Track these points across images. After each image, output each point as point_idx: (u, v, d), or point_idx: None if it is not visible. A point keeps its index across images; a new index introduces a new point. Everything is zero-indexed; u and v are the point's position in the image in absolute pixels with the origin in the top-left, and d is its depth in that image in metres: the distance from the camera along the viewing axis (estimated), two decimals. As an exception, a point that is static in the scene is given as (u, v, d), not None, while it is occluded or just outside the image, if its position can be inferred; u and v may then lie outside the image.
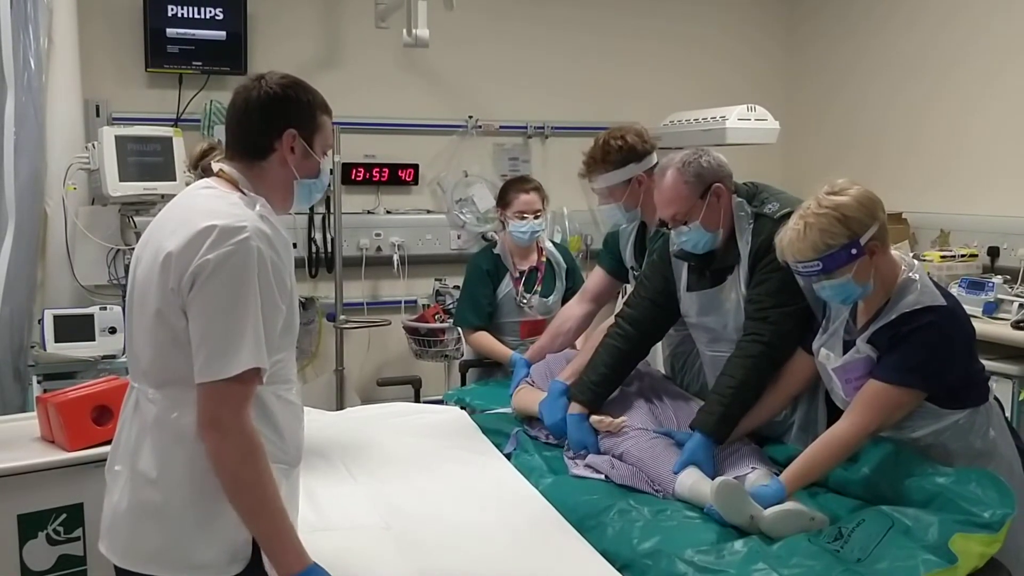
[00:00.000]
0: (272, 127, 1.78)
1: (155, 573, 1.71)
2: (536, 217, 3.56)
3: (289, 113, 1.79)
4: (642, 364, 2.83)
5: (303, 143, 1.81)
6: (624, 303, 2.81)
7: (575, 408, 2.63)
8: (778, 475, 2.21)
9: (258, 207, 1.73)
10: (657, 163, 2.88)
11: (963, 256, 4.01)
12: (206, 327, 1.63)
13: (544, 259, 3.68)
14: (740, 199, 2.48)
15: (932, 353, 2.09)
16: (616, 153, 2.87)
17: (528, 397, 2.91)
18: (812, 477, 2.17)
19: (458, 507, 2.31)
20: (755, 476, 2.26)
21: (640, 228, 3.02)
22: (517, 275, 3.63)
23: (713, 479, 2.20)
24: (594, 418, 2.59)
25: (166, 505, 1.70)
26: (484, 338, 3.56)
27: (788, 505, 2.08)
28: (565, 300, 3.62)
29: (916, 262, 2.25)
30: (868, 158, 4.72)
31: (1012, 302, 3.55)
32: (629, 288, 3.16)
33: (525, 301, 3.60)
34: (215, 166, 1.82)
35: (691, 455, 2.32)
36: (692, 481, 2.26)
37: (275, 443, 1.75)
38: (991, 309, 3.56)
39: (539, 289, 3.63)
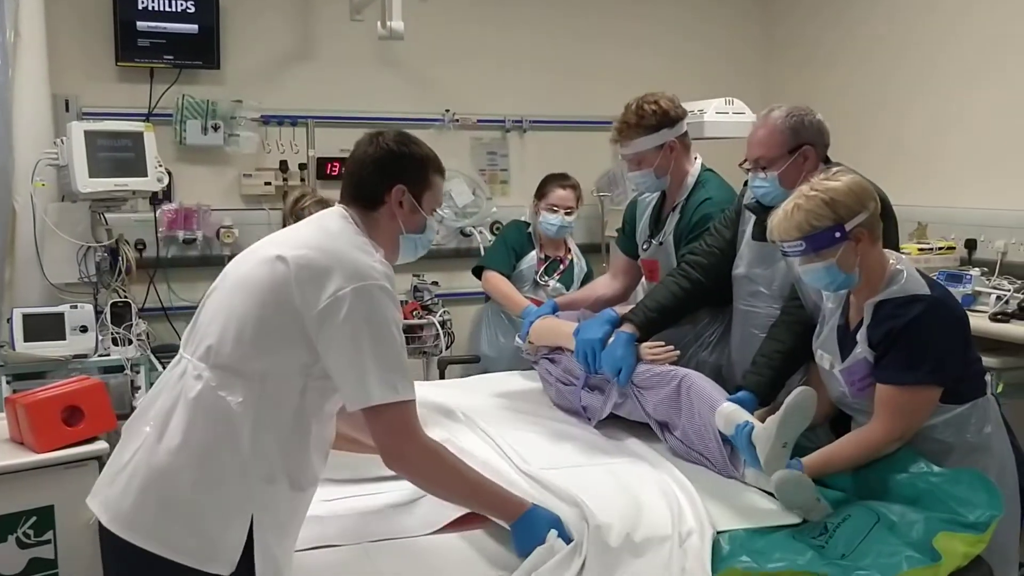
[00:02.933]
0: (383, 181, 1.90)
1: (134, 542, 1.71)
2: (568, 214, 3.75)
3: (401, 169, 1.91)
4: None
5: (411, 199, 1.91)
6: (689, 251, 2.80)
7: (626, 328, 2.61)
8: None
9: (380, 255, 1.83)
10: (687, 131, 2.95)
11: (941, 249, 4.01)
12: (356, 356, 1.72)
13: (570, 257, 3.86)
14: (826, 167, 2.46)
15: (928, 345, 2.09)
16: (651, 117, 2.88)
17: (557, 324, 2.89)
18: (831, 469, 2.17)
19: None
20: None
21: (659, 200, 3.04)
22: (542, 256, 3.79)
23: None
24: (647, 344, 2.58)
25: (171, 477, 1.72)
26: (502, 281, 3.66)
27: (803, 476, 2.08)
28: None
29: (903, 255, 2.27)
30: (846, 151, 4.69)
31: (990, 294, 3.56)
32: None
33: (544, 282, 3.74)
34: (338, 208, 1.92)
35: (737, 403, 2.32)
36: (732, 409, 2.26)
37: (300, 471, 1.80)
38: (969, 302, 3.56)
39: (558, 277, 3.79)
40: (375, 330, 1.74)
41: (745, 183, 2.66)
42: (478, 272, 3.77)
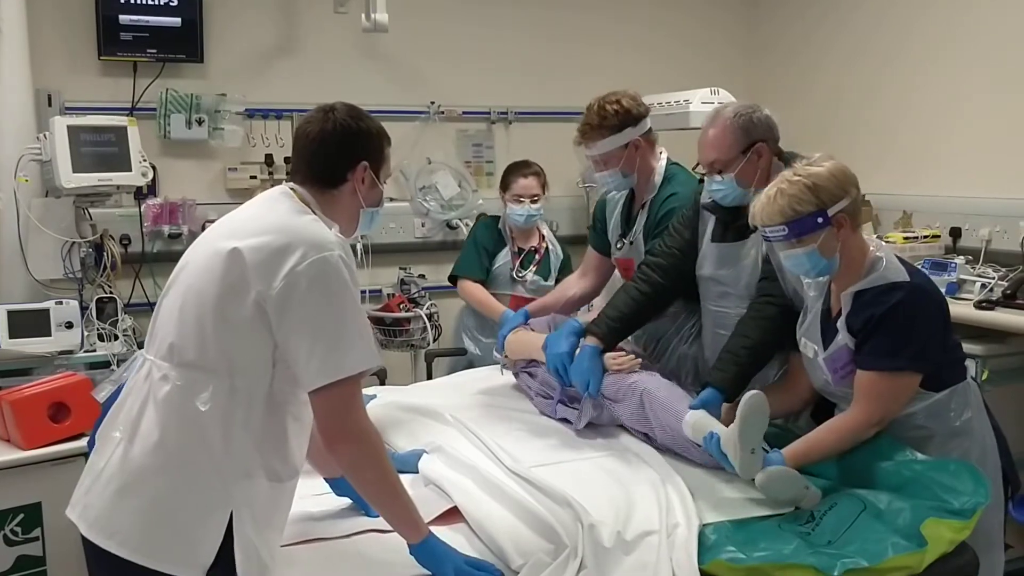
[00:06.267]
0: (348, 159, 1.88)
1: (112, 550, 1.71)
2: (534, 202, 3.71)
3: (362, 145, 1.90)
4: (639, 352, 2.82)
5: (372, 174, 1.91)
6: (648, 253, 2.79)
7: (590, 340, 2.59)
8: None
9: (334, 230, 1.82)
10: (651, 128, 2.95)
11: (925, 237, 4.04)
12: (314, 333, 1.69)
13: (545, 245, 3.83)
14: (780, 162, 2.48)
15: (908, 332, 2.11)
16: (613, 118, 2.86)
17: (528, 337, 2.87)
18: (812, 459, 2.17)
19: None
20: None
21: (628, 198, 3.03)
22: (516, 250, 3.76)
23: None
24: (610, 354, 2.57)
25: (146, 481, 1.71)
26: (478, 289, 3.67)
27: (787, 469, 2.09)
28: None
29: (882, 243, 2.28)
30: (831, 140, 4.72)
31: (974, 282, 3.58)
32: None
33: (521, 276, 3.71)
34: (286, 186, 1.89)
35: (703, 404, 2.31)
36: (698, 417, 2.25)
37: (278, 463, 1.79)
38: (953, 289, 3.58)
39: (535, 269, 3.76)
40: (336, 303, 1.72)
41: (700, 181, 2.65)
42: (453, 279, 3.76)
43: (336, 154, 1.88)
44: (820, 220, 2.11)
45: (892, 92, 4.54)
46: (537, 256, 3.78)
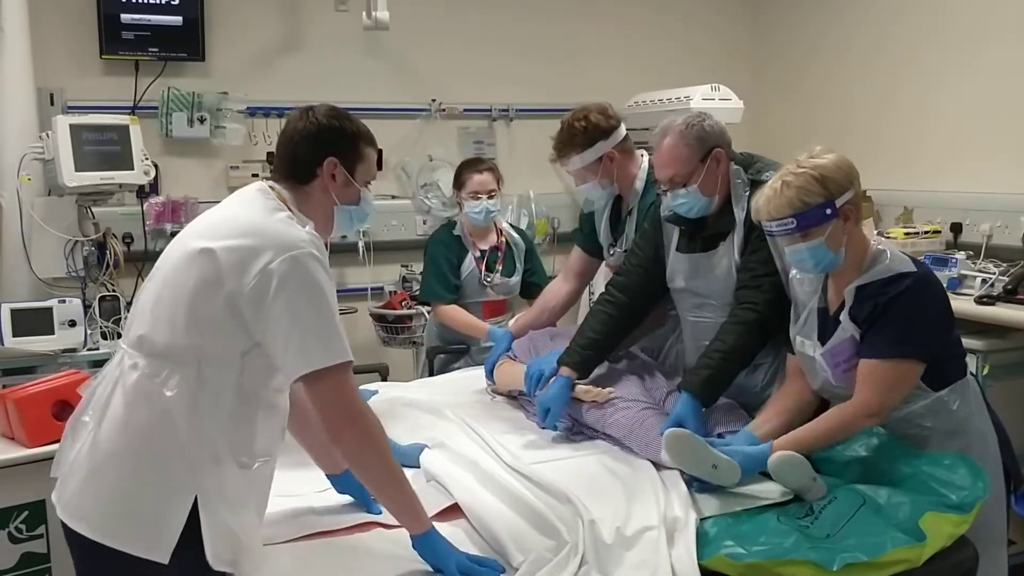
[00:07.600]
0: (315, 155, 1.90)
1: (81, 531, 1.75)
2: (491, 197, 3.60)
3: (332, 142, 1.91)
4: (633, 348, 2.82)
5: (344, 171, 1.91)
6: (616, 272, 2.79)
7: (563, 372, 2.57)
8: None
9: (308, 227, 1.83)
10: (626, 136, 2.93)
11: (926, 233, 4.04)
12: (289, 325, 1.71)
13: (503, 240, 3.72)
14: (737, 167, 2.47)
15: (914, 320, 2.09)
16: (582, 135, 2.88)
17: (513, 370, 2.87)
18: (802, 449, 2.10)
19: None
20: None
21: (615, 203, 3.03)
22: (478, 254, 3.66)
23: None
24: (580, 387, 2.54)
25: (112, 463, 1.75)
26: (457, 311, 3.58)
27: (797, 455, 2.06)
28: (523, 282, 3.69)
29: (882, 239, 2.27)
30: (832, 136, 4.72)
31: (975, 277, 3.58)
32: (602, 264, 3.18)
33: (489, 281, 3.62)
34: (258, 183, 1.92)
35: (678, 418, 2.29)
36: None
37: (245, 450, 1.80)
38: (954, 285, 3.59)
39: (500, 269, 3.67)
40: (309, 297, 1.74)
41: (657, 194, 2.62)
42: (424, 302, 3.74)
43: (304, 150, 1.90)
44: (828, 211, 2.08)
45: (892, 87, 4.54)
46: (499, 254, 3.69)
